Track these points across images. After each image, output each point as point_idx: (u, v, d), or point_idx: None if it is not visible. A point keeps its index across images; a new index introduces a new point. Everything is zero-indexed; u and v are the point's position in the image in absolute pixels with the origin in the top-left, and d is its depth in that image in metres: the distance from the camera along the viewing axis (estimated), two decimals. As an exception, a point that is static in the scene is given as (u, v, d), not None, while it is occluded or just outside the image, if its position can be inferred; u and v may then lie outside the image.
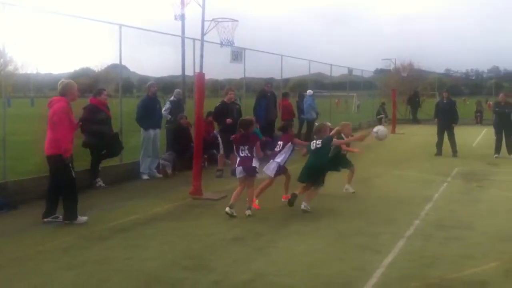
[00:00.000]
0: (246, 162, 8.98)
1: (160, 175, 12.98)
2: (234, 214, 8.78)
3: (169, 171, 13.05)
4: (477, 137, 24.09)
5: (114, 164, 12.37)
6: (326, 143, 9.45)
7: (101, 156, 11.74)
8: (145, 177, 12.75)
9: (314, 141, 9.54)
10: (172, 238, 7.68)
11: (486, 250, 6.98)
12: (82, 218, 8.43)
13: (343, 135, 10.32)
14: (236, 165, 9.19)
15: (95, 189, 11.40)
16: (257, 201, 9.45)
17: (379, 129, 10.85)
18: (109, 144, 11.70)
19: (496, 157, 16.42)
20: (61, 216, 8.46)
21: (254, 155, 8.99)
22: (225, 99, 13.54)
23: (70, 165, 8.29)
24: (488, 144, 18.54)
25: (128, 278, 6.01)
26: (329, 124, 10.81)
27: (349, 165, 10.84)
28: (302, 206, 9.13)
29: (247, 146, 8.99)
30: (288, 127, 10.34)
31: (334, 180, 10.55)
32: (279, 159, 9.57)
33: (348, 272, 6.19)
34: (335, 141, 9.62)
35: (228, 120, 12.94)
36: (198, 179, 10.53)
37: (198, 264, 6.47)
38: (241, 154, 9.04)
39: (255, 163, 8.96)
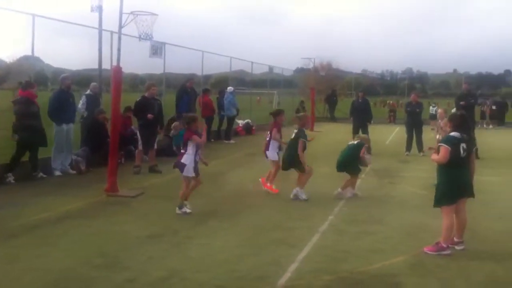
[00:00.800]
0: (179, 157, 8.94)
1: (74, 172, 12.56)
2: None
3: (83, 167, 12.65)
4: (390, 135, 25.06)
5: (25, 160, 11.83)
6: (299, 136, 10.19)
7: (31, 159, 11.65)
8: (58, 173, 12.28)
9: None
10: (85, 236, 7.49)
11: (395, 244, 7.29)
12: None
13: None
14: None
15: (5, 184, 10.94)
16: (274, 186, 10.39)
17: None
18: (41, 138, 11.60)
19: (407, 155, 17.16)
20: None
21: (189, 151, 8.79)
22: (146, 94, 13.27)
23: None
24: (400, 142, 19.30)
25: (38, 277, 5.80)
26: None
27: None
28: (294, 192, 10.04)
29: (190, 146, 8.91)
30: (277, 114, 10.76)
31: (252, 176, 10.62)
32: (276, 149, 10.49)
33: (263, 267, 6.27)
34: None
35: (150, 116, 12.70)
36: (114, 176, 10.28)
37: (111, 262, 6.34)
38: (181, 150, 9.01)
39: (185, 159, 8.78)
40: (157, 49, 16.66)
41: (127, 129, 14.22)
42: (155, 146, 13.23)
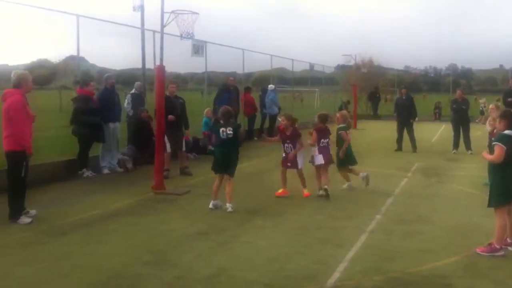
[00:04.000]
0: (327, 151, 10.13)
1: (121, 170, 12.77)
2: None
3: (129, 165, 12.84)
4: (436, 133, 24.58)
5: (73, 159, 12.12)
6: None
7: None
8: (106, 171, 12.53)
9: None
10: (134, 233, 7.58)
11: (446, 244, 7.11)
12: (25, 219, 7.99)
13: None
14: (317, 153, 10.12)
15: (81, 179, 11.57)
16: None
17: None
18: (100, 134, 12.21)
19: (454, 153, 16.79)
20: (31, 211, 8.26)
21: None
22: (167, 93, 12.47)
23: (25, 162, 8.00)
24: (446, 140, 18.94)
25: (88, 274, 5.90)
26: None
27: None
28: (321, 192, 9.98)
29: (327, 139, 10.21)
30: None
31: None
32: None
33: (311, 266, 6.22)
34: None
35: (170, 117, 11.74)
36: (160, 174, 10.40)
37: (160, 259, 6.40)
38: (321, 145, 10.11)
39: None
40: (198, 48, 16.75)
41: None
42: (184, 148, 12.86)
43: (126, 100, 14.65)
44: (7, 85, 8.71)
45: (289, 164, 10.09)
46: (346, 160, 10.82)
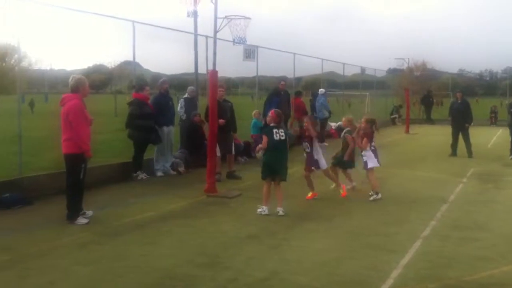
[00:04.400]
0: (377, 154, 10.40)
1: (174, 173, 12.99)
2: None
3: (181, 169, 13.04)
4: (492, 138, 23.87)
5: (128, 161, 12.41)
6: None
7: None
8: (160, 174, 12.77)
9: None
10: (187, 235, 7.69)
11: (504, 252, 6.91)
12: (82, 220, 8.24)
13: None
14: (373, 157, 10.31)
15: (135, 181, 11.91)
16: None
17: None
18: (155, 136, 12.44)
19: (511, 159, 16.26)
20: (87, 212, 8.51)
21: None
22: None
23: (83, 165, 8.26)
24: (503, 145, 18.37)
25: (143, 274, 6.02)
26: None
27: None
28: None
29: (373, 143, 10.36)
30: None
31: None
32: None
33: (363, 271, 6.15)
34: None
35: (221, 121, 11.63)
36: (213, 177, 10.53)
37: (213, 262, 6.47)
38: (372, 149, 10.32)
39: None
40: (250, 53, 16.82)
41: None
42: (233, 152, 12.91)
43: (179, 104, 14.90)
44: (64, 89, 9.02)
45: (313, 168, 10.10)
46: (347, 162, 10.74)
